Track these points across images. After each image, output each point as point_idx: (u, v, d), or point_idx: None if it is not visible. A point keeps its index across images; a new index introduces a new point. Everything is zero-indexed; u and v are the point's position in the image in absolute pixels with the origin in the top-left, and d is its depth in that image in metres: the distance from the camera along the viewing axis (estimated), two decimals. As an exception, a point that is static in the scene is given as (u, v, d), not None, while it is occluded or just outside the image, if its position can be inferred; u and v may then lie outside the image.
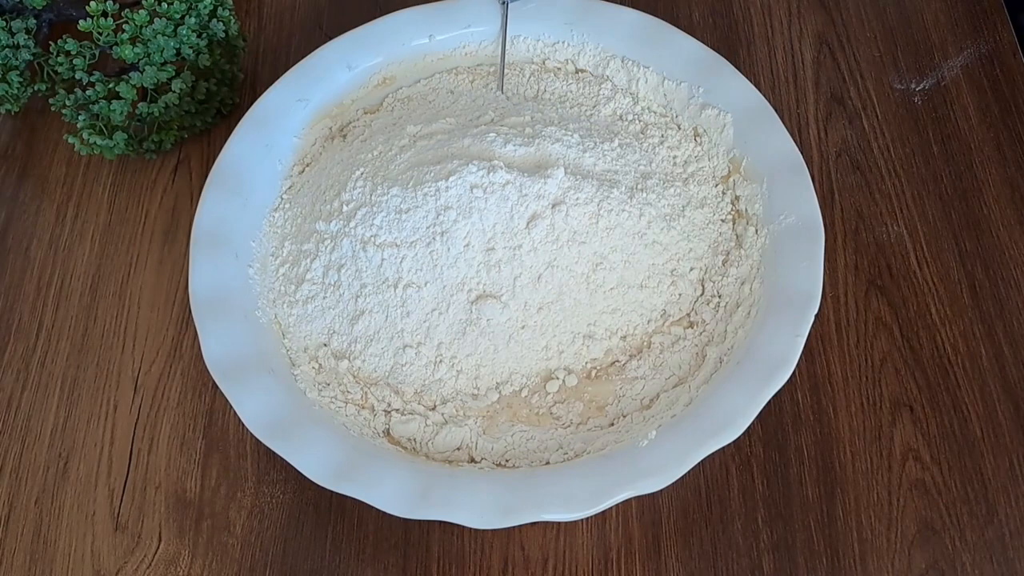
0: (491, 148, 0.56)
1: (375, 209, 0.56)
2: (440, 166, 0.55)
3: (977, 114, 0.68)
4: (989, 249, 0.62)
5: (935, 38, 0.71)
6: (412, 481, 0.50)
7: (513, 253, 0.54)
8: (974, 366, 0.59)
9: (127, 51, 0.63)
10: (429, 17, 0.66)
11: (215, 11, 0.67)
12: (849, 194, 0.65)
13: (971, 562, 0.53)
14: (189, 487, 0.57)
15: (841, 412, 0.57)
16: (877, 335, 0.60)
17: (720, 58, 0.63)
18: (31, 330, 0.62)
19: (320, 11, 0.75)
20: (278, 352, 0.56)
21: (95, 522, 0.56)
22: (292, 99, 0.63)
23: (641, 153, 0.61)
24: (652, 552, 0.54)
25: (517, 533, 0.55)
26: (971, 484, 0.55)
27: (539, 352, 0.55)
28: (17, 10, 0.69)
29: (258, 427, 0.51)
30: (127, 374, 0.60)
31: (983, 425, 0.57)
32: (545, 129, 0.58)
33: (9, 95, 0.67)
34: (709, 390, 0.53)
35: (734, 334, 0.55)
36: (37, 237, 0.66)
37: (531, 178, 0.55)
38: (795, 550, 0.54)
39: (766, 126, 0.60)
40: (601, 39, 0.66)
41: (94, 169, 0.68)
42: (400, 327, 0.55)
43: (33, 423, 0.59)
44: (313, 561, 0.54)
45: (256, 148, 0.61)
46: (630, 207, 0.56)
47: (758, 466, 0.56)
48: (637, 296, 0.56)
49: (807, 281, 0.54)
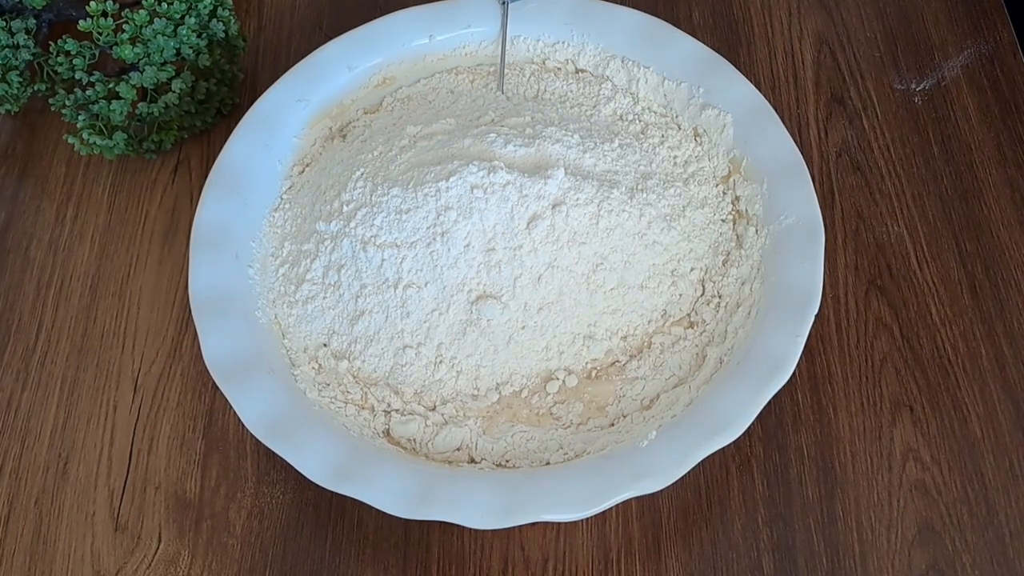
0: (491, 149, 0.56)
1: (375, 209, 0.55)
2: (440, 166, 0.55)
3: (977, 114, 0.68)
4: (989, 249, 0.62)
5: (935, 38, 0.71)
6: (412, 481, 0.50)
7: (513, 254, 0.54)
8: (974, 366, 0.59)
9: (127, 51, 0.63)
10: (429, 17, 0.66)
11: (215, 11, 0.67)
12: (849, 194, 0.65)
13: (971, 563, 0.53)
14: (189, 487, 0.57)
15: (841, 412, 0.57)
16: (877, 335, 0.60)
17: (720, 58, 0.63)
18: (31, 330, 0.62)
19: (320, 11, 0.75)
20: (278, 352, 0.56)
21: (95, 522, 0.56)
22: (292, 99, 0.63)
23: (641, 153, 0.61)
24: (652, 552, 0.54)
25: (517, 534, 0.55)
26: (971, 484, 0.55)
27: (539, 352, 0.55)
28: (17, 10, 0.69)
29: (258, 427, 0.51)
30: (127, 374, 0.60)
31: (983, 425, 0.57)
32: (545, 130, 0.58)
33: (9, 95, 0.67)
34: (709, 390, 0.53)
35: (734, 334, 0.55)
36: (37, 237, 0.66)
37: (531, 179, 0.55)
38: (795, 550, 0.54)
39: (766, 126, 0.60)
40: (601, 39, 0.66)
41: (94, 169, 0.68)
42: (400, 327, 0.55)
43: (33, 423, 0.59)
44: (313, 561, 0.54)
45: (256, 148, 0.61)
46: (630, 207, 0.56)
47: (758, 466, 0.56)
48: (637, 296, 0.56)
49: (807, 281, 0.54)
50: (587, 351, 0.56)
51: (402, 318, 0.55)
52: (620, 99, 0.65)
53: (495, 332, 0.55)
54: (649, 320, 0.57)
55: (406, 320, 0.55)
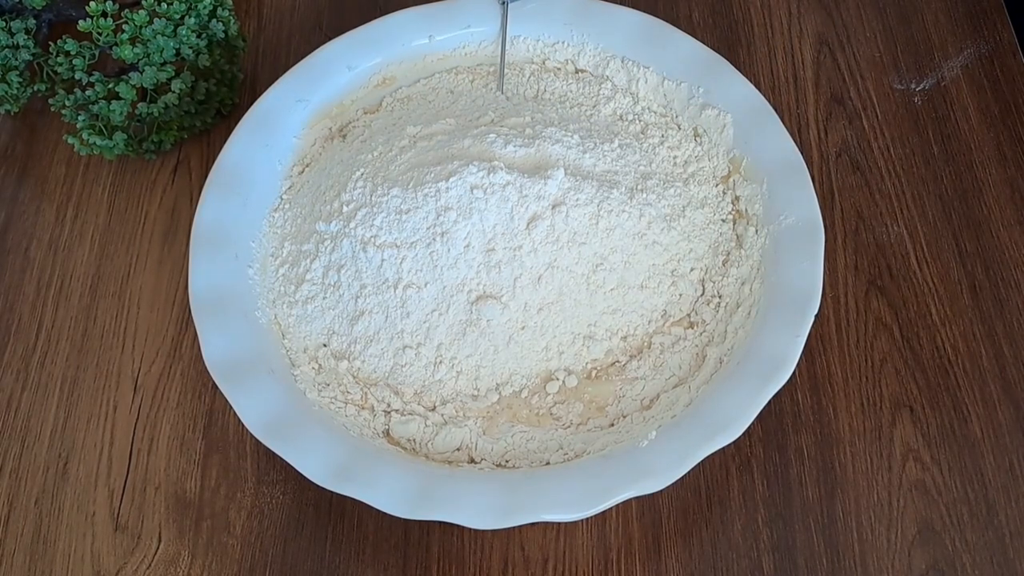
0: (491, 149, 0.56)
1: (375, 210, 0.55)
2: (440, 167, 0.55)
3: (977, 114, 0.68)
4: (989, 249, 0.62)
5: (935, 38, 0.71)
6: (412, 481, 0.50)
7: (513, 254, 0.54)
8: (974, 366, 0.59)
9: (127, 51, 0.63)
10: (429, 17, 0.66)
11: (215, 11, 0.67)
12: (849, 194, 0.65)
13: (971, 563, 0.53)
14: (189, 487, 0.57)
15: (841, 412, 0.57)
16: (877, 335, 0.60)
17: (720, 58, 0.63)
18: (31, 330, 0.62)
19: (320, 11, 0.75)
20: (278, 352, 0.56)
21: (95, 522, 0.56)
22: (292, 99, 0.63)
23: (641, 153, 0.61)
24: (652, 552, 0.54)
25: (517, 534, 0.55)
26: (971, 484, 0.55)
27: (539, 353, 0.55)
28: (17, 10, 0.69)
29: (258, 427, 0.51)
30: (127, 374, 0.60)
31: (983, 425, 0.57)
32: (545, 130, 0.58)
33: (9, 95, 0.67)
34: (709, 390, 0.53)
35: (734, 334, 0.55)
36: (37, 238, 0.66)
37: (531, 179, 0.55)
38: (795, 551, 0.54)
39: (766, 126, 0.60)
40: (601, 39, 0.66)
41: (94, 169, 0.68)
42: (400, 328, 0.55)
43: (33, 423, 0.59)
44: (313, 561, 0.54)
45: (256, 148, 0.61)
46: (630, 208, 0.56)
47: (758, 467, 0.56)
48: (637, 297, 0.56)
49: (807, 281, 0.54)
50: (587, 351, 0.56)
51: (402, 318, 0.55)
52: (620, 99, 0.65)
53: (495, 332, 0.55)
54: (649, 320, 0.57)
55: (406, 320, 0.55)
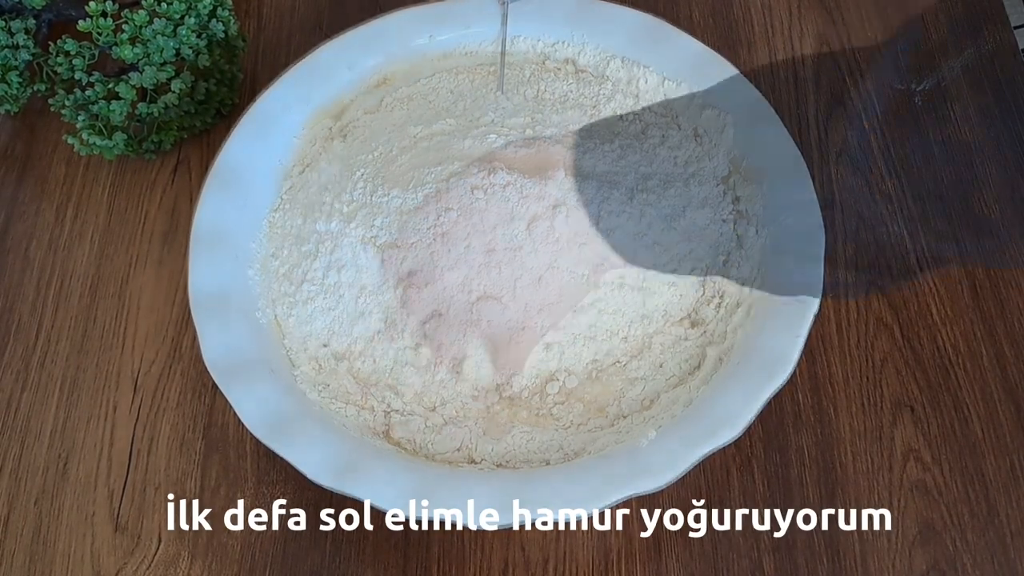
0: (492, 149, 0.56)
1: (375, 210, 0.55)
2: (441, 167, 0.55)
3: (977, 114, 0.68)
4: (989, 249, 0.62)
5: (935, 38, 0.71)
6: (412, 481, 0.50)
7: (514, 254, 0.54)
8: (975, 366, 0.59)
9: (127, 51, 0.63)
10: (429, 17, 0.66)
11: (215, 11, 0.67)
12: (849, 194, 0.65)
13: (972, 563, 0.53)
14: (189, 487, 0.57)
15: (842, 412, 0.57)
16: (877, 335, 0.60)
17: (720, 58, 0.63)
18: (31, 331, 0.62)
19: (320, 11, 0.75)
20: (278, 353, 0.56)
21: (95, 523, 0.56)
22: (292, 99, 0.63)
23: (641, 154, 0.61)
24: (652, 552, 0.54)
25: (517, 534, 0.54)
26: (972, 485, 0.55)
27: (539, 353, 0.55)
28: (17, 10, 0.69)
29: (258, 427, 0.51)
30: (127, 375, 0.60)
31: (984, 425, 0.57)
32: (545, 130, 0.58)
33: (9, 95, 0.67)
34: (709, 390, 0.53)
35: (734, 334, 0.55)
36: (37, 238, 0.66)
37: (531, 179, 0.55)
38: (795, 551, 0.54)
39: (766, 126, 0.60)
40: (601, 39, 0.66)
41: (93, 169, 0.68)
42: (400, 328, 0.55)
43: (33, 424, 0.59)
44: (313, 561, 0.54)
45: (256, 148, 0.61)
46: (630, 208, 0.56)
47: (758, 466, 0.56)
48: (637, 297, 0.56)
49: (807, 282, 0.54)
50: (587, 351, 0.56)
51: (402, 319, 0.55)
52: (620, 99, 0.65)
53: (495, 333, 0.55)
54: (649, 320, 0.57)
55: (406, 321, 0.55)
